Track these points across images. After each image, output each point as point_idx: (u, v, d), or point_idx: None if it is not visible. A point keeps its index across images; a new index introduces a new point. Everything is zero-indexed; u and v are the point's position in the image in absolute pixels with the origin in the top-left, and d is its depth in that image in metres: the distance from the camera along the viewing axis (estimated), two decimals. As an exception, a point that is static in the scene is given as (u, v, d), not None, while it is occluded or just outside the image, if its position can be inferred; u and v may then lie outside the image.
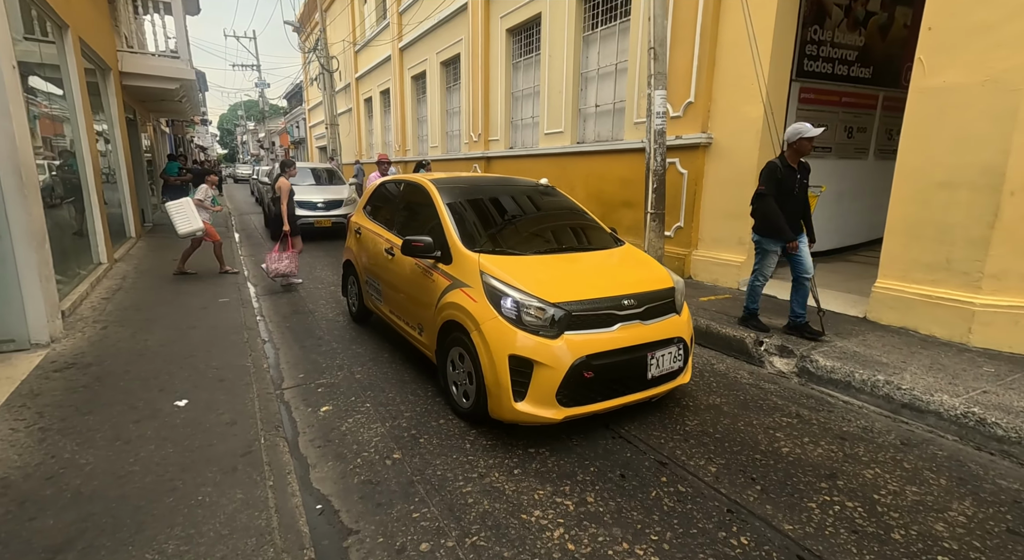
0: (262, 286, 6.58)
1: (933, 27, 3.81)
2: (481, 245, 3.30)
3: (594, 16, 7.81)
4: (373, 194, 4.98)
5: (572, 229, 3.92)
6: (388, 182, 4.86)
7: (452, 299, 3.09)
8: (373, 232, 4.45)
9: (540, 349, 2.67)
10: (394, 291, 3.96)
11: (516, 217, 3.92)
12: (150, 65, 8.96)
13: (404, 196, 4.35)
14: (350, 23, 18.74)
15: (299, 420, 3.17)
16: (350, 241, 5.01)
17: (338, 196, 10.33)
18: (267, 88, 37.02)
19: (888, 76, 6.82)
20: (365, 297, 4.70)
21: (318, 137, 26.44)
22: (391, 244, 4.00)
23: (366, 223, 4.68)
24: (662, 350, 2.95)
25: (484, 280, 2.94)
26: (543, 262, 3.23)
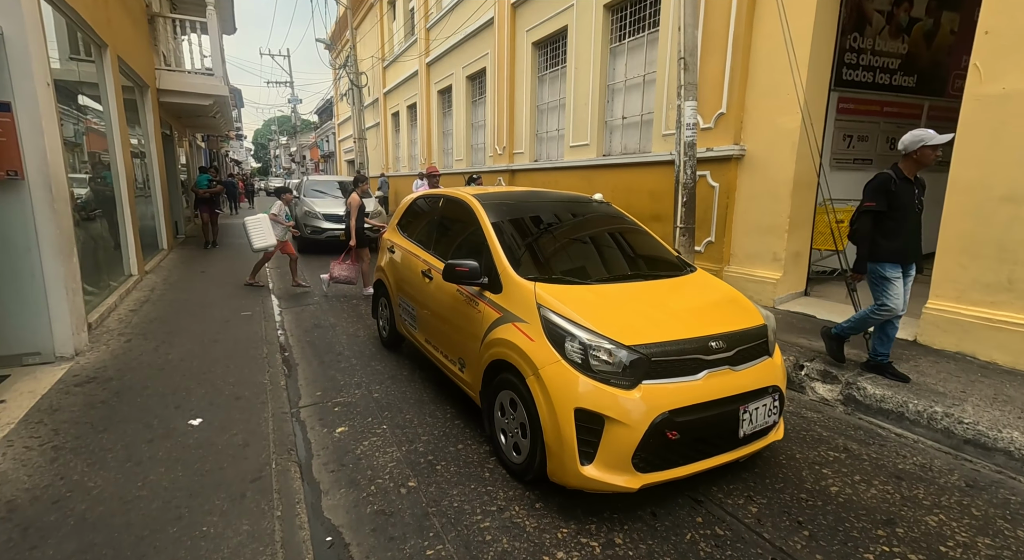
0: (286, 299, 6.59)
1: (991, 31, 3.55)
2: (535, 271, 2.90)
3: (621, 28, 7.70)
4: (407, 210, 4.59)
5: (635, 252, 3.44)
6: (424, 197, 4.47)
7: (503, 335, 2.66)
8: (408, 251, 4.07)
9: (613, 402, 2.22)
10: (431, 318, 3.56)
11: (572, 238, 3.48)
12: (185, 82, 9.24)
13: (443, 213, 3.93)
14: (379, 40, 19.14)
15: (314, 441, 3.06)
16: (382, 259, 4.64)
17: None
18: (299, 104, 38.14)
19: (934, 84, 6.48)
20: (397, 321, 4.29)
21: (347, 151, 26.99)
22: (429, 266, 3.62)
23: (400, 241, 4.32)
24: (756, 402, 2.44)
25: (542, 315, 2.52)
26: (610, 293, 2.77)
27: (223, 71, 10.28)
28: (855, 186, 5.94)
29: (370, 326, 5.35)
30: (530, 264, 2.97)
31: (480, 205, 3.37)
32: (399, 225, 4.59)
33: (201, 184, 9.97)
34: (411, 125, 17.71)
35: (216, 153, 24.36)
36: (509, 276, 2.83)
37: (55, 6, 4.57)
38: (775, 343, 2.74)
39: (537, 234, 3.39)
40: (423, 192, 4.69)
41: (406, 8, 16.63)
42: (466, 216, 3.46)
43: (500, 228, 3.17)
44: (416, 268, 3.83)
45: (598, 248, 3.46)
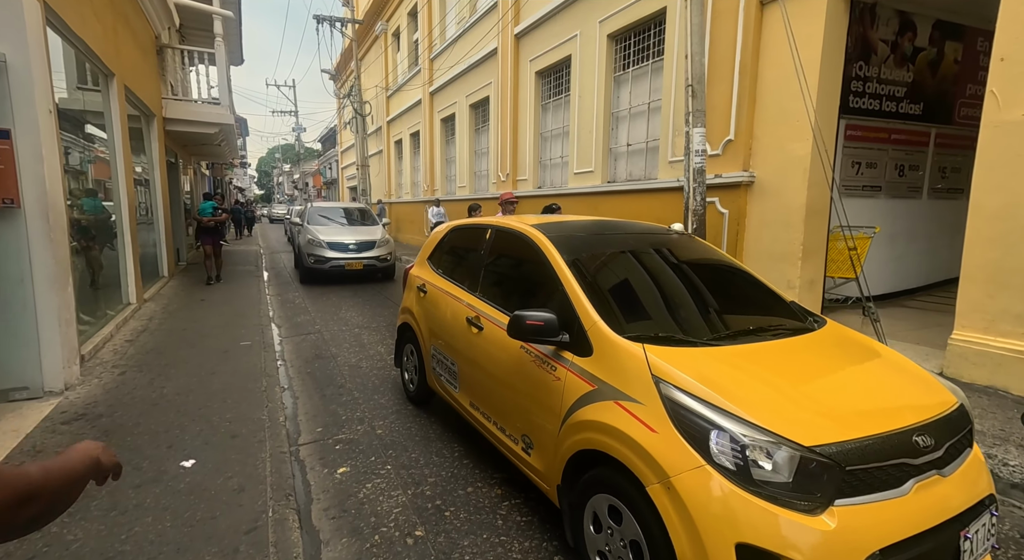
0: (286, 327, 6.44)
1: (1007, 58, 3.51)
2: (637, 327, 2.21)
3: (625, 57, 7.78)
4: (442, 242, 3.85)
5: (743, 297, 2.76)
6: (465, 227, 3.73)
7: (601, 418, 1.93)
8: (446, 293, 3.38)
9: (796, 536, 1.48)
10: (482, 379, 2.87)
11: (664, 281, 2.72)
12: (191, 111, 9.32)
13: (494, 248, 3.20)
14: (383, 70, 19.51)
15: (314, 483, 2.87)
16: (409, 300, 3.92)
17: (370, 237, 9.64)
18: (303, 132, 38.74)
19: (940, 112, 6.48)
20: (429, 375, 3.58)
21: (349, 178, 27.22)
22: (477, 313, 2.94)
23: (434, 279, 3.62)
24: (976, 522, 1.69)
25: (665, 393, 1.79)
26: (745, 359, 2.02)
27: (229, 100, 10.39)
28: (865, 213, 5.88)
29: (373, 357, 5.18)
30: (625, 317, 2.27)
31: (547, 239, 2.68)
32: (431, 260, 3.85)
33: (204, 212, 9.17)
34: (414, 152, 17.87)
35: (220, 180, 24.56)
36: (602, 335, 2.10)
37: (64, 36, 4.58)
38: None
39: (623, 276, 2.70)
40: (454, 224, 3.94)
41: (410, 40, 17.00)
42: (527, 253, 2.78)
43: (578, 269, 2.47)
44: (458, 314, 3.12)
45: (698, 294, 2.66)
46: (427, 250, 3.98)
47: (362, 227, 10.35)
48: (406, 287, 4.09)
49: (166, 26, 9.31)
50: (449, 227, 3.93)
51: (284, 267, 12.41)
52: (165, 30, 9.30)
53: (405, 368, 4.11)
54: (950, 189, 6.85)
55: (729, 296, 2.74)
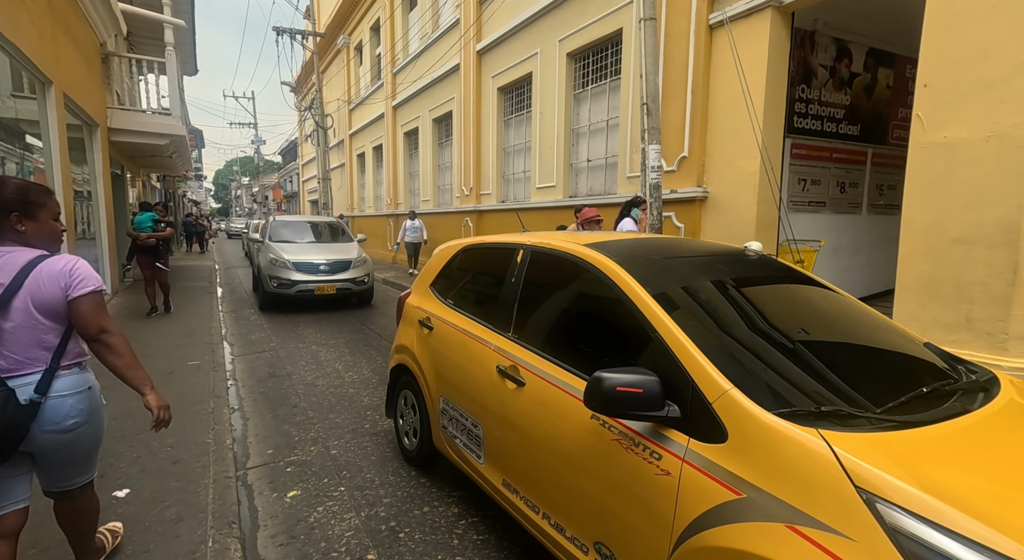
0: (240, 345, 6.18)
1: (929, 84, 3.78)
2: (783, 397, 1.49)
3: (584, 75, 7.98)
4: (450, 265, 3.11)
5: (873, 339, 2.04)
6: (482, 248, 2.97)
7: (766, 552, 1.22)
8: (463, 331, 2.64)
9: None
10: (524, 451, 2.12)
11: (784, 322, 2.01)
12: (140, 121, 8.95)
13: (531, 276, 2.42)
14: (346, 83, 19.35)
15: (261, 509, 2.74)
16: (407, 336, 3.15)
17: (345, 256, 8.28)
18: (262, 145, 37.83)
19: (876, 133, 6.91)
20: (437, 433, 2.82)
21: (310, 191, 26.68)
22: (514, 361, 2.20)
23: (444, 313, 2.87)
24: None
25: (893, 524, 1.10)
26: (962, 446, 1.37)
27: (182, 111, 10.05)
28: (811, 227, 6.17)
29: (330, 374, 5.03)
30: (764, 380, 1.58)
31: (617, 264, 1.94)
32: (435, 287, 3.12)
33: (141, 225, 7.10)
34: (377, 166, 17.71)
35: (172, 193, 23.62)
36: (743, 412, 1.40)
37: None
38: None
39: (734, 317, 1.92)
40: (466, 243, 3.10)
41: (372, 54, 16.95)
42: (586, 283, 2.10)
43: (672, 307, 1.74)
44: (483, 361, 2.40)
45: (831, 338, 2.02)
46: (429, 275, 3.20)
47: (334, 244, 8.91)
48: (401, 320, 3.31)
49: (113, 34, 8.96)
50: (458, 247, 3.09)
51: (240, 282, 11.98)
52: (111, 38, 8.94)
53: (402, 417, 3.30)
54: (887, 205, 7.28)
55: (859, 338, 2.04)
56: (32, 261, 1.64)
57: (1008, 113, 3.36)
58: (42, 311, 1.65)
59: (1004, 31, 3.39)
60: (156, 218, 7.33)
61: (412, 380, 3.09)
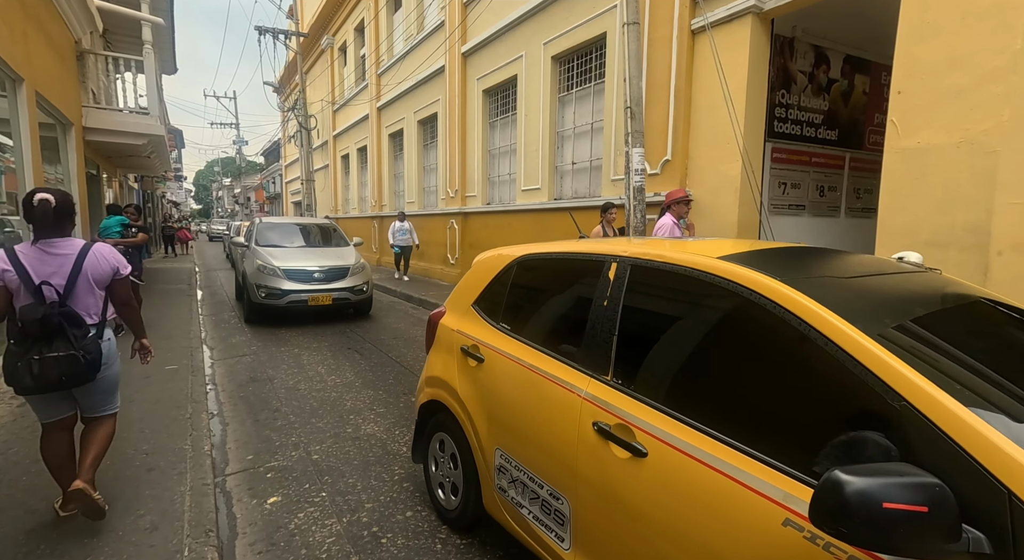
0: (219, 349, 6.07)
1: (903, 91, 3.88)
2: None
3: (569, 78, 8.02)
4: (500, 280, 2.46)
5: None
6: (550, 259, 2.32)
7: None
8: (532, 369, 2.02)
9: None
10: (652, 553, 1.51)
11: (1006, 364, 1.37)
12: (116, 121, 8.75)
13: (637, 301, 1.80)
14: (329, 83, 19.18)
15: (240, 516, 2.68)
16: (443, 366, 2.54)
17: (342, 262, 7.49)
18: (245, 145, 37.29)
19: (853, 138, 7.06)
20: (489, 494, 2.25)
21: (294, 193, 26.38)
22: (623, 419, 1.62)
23: (499, 341, 2.27)
24: None
25: None
26: None
27: (160, 111, 9.85)
28: (791, 230, 6.28)
29: (311, 378, 4.97)
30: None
31: (793, 288, 1.36)
32: (480, 306, 2.51)
33: (108, 231, 6.30)
34: (361, 167, 17.58)
35: (151, 194, 23.15)
36: None
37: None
38: None
39: (1006, 371, 1.29)
40: (553, 249, 2.32)
41: (357, 55, 16.84)
42: (740, 313, 1.49)
43: (924, 359, 1.18)
44: (566, 411, 1.80)
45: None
46: (470, 291, 2.60)
47: (329, 249, 8.10)
48: (434, 346, 2.71)
49: (88, 31, 8.75)
50: (509, 257, 2.44)
51: (221, 285, 11.78)
52: (87, 35, 8.74)
53: (435, 467, 2.67)
54: (864, 209, 7.44)
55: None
56: (86, 245, 2.33)
57: (977, 120, 3.46)
58: (96, 281, 2.34)
59: (973, 41, 3.49)
60: (126, 223, 6.53)
61: (451, 423, 2.45)
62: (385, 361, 5.56)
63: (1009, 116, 3.34)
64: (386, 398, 4.43)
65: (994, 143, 3.41)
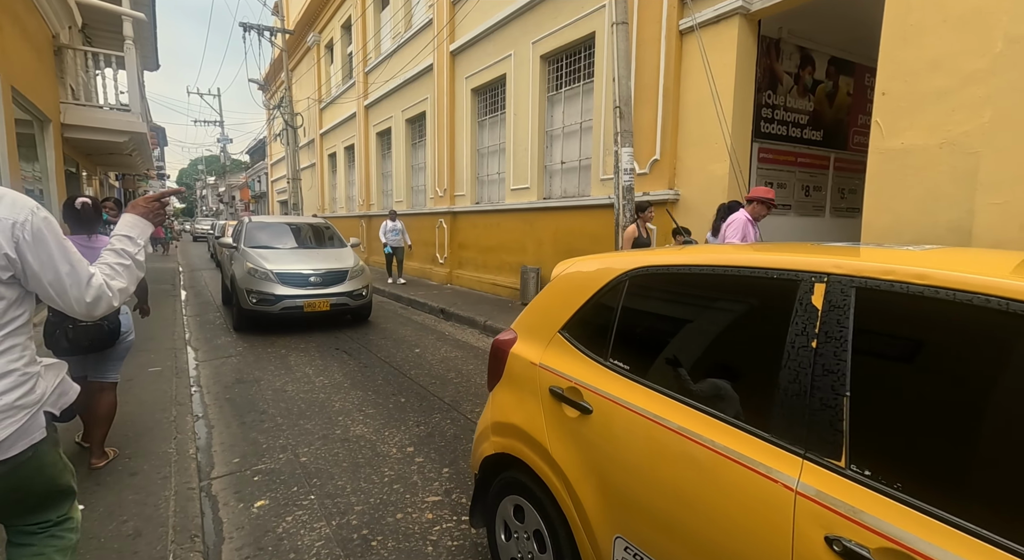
0: (204, 350, 5.97)
1: (887, 92, 3.94)
2: None
3: (558, 78, 8.02)
4: (604, 300, 1.81)
5: None
6: (693, 275, 1.60)
7: None
8: (695, 440, 1.35)
9: None
10: None
11: None
12: (97, 118, 8.56)
13: (885, 343, 1.17)
14: (316, 81, 18.98)
15: (227, 520, 2.64)
16: (519, 411, 1.95)
17: (340, 264, 7.02)
18: (229, 143, 36.78)
19: (837, 139, 7.16)
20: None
21: (280, 191, 26.09)
22: (894, 542, 0.97)
23: (620, 389, 1.61)
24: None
25: None
26: None
27: (142, 108, 9.66)
28: (778, 230, 6.34)
29: (299, 379, 4.90)
30: None
31: None
32: (573, 334, 1.87)
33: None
34: (348, 166, 17.43)
35: (133, 193, 22.73)
36: None
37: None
38: None
39: None
40: (698, 259, 1.61)
41: (344, 52, 16.69)
42: None
43: None
44: (767, 511, 1.18)
45: None
46: (555, 311, 1.95)
47: (324, 251, 7.61)
48: (503, 381, 2.08)
49: (66, 25, 8.55)
50: (616, 270, 1.78)
51: (205, 285, 11.59)
52: (65, 29, 8.54)
53: (508, 539, 2.06)
54: (849, 208, 7.56)
55: None
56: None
57: (959, 121, 3.52)
58: None
59: (954, 44, 3.55)
60: (106, 220, 6.24)
61: (535, 487, 1.84)
62: (374, 361, 5.52)
63: (990, 118, 3.41)
64: (375, 399, 4.39)
65: (975, 144, 3.47)
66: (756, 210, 4.41)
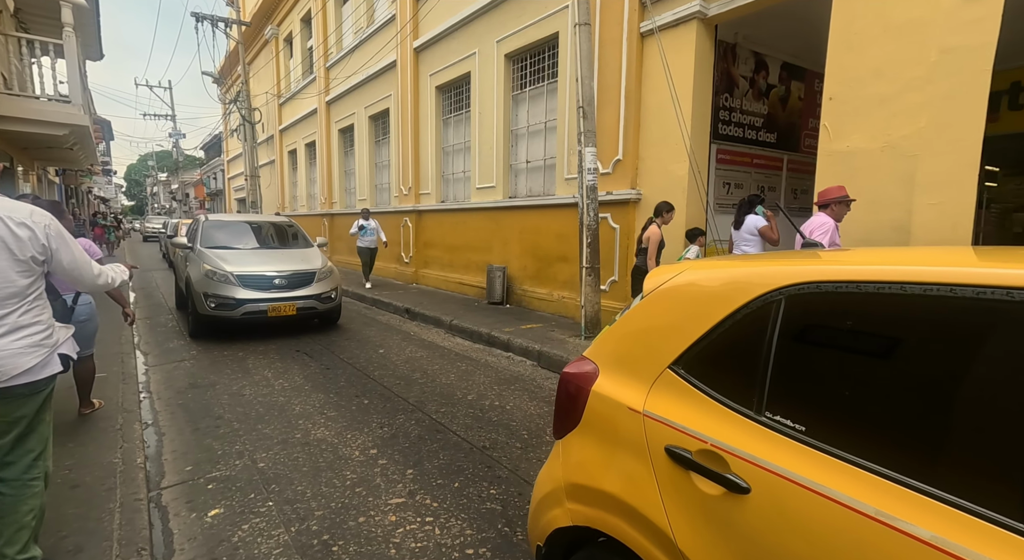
0: (155, 354, 5.70)
1: (834, 98, 4.13)
2: None
3: (523, 77, 8.04)
4: (745, 326, 1.27)
5: None
6: (924, 296, 0.99)
7: None
8: None
9: None
10: None
11: None
12: (33, 109, 8.02)
13: None
14: (275, 76, 18.40)
15: (178, 531, 2.52)
16: (618, 475, 1.43)
17: (307, 266, 6.65)
18: (182, 138, 35.24)
19: (790, 141, 7.46)
20: None
21: (237, 189, 25.17)
22: None
23: (806, 466, 1.06)
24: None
25: None
26: None
27: (84, 99, 9.12)
28: (734, 228, 6.56)
29: (258, 382, 4.74)
30: None
31: None
32: (697, 373, 1.35)
33: None
34: (310, 163, 16.99)
35: (75, 189, 21.46)
36: None
37: None
38: None
39: None
40: (901, 268, 1.07)
41: (304, 47, 16.24)
42: None
43: None
44: None
45: None
46: (663, 339, 1.45)
47: (289, 251, 7.21)
48: (581, 426, 1.59)
49: (-2, 9, 7.99)
50: (765, 285, 1.25)
51: (156, 286, 11.08)
52: (-3, 13, 7.97)
53: None
54: (801, 208, 7.89)
55: None
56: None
57: (899, 126, 3.73)
58: None
59: (894, 52, 3.76)
60: None
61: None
62: (337, 363, 5.39)
63: (926, 123, 3.62)
64: (337, 401, 4.29)
65: (914, 148, 3.68)
66: (839, 211, 3.98)
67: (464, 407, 4.16)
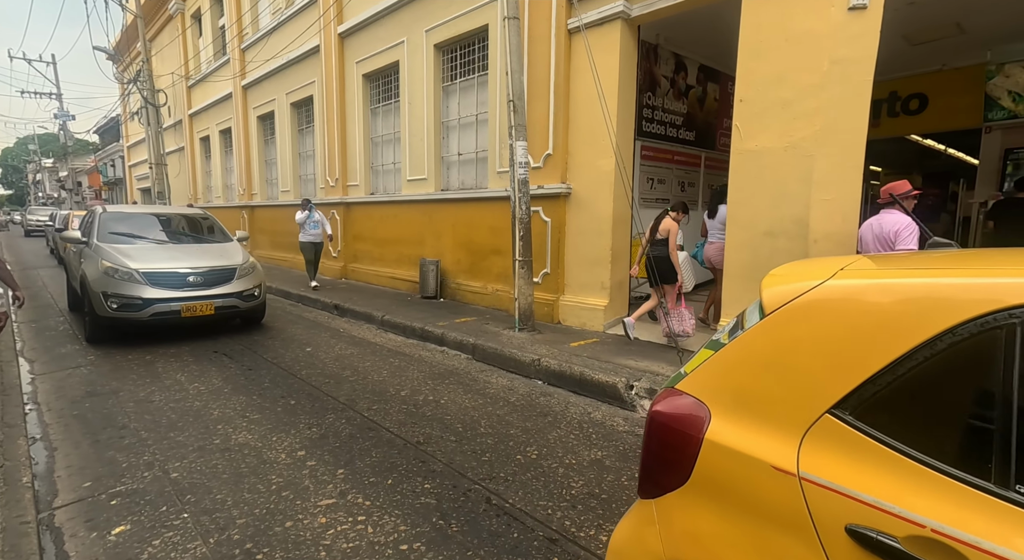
0: (43, 361, 5.10)
1: (744, 100, 4.44)
2: None
3: (452, 68, 7.95)
4: (991, 359, 0.90)
5: None
6: None
7: None
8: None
9: None
10: None
11: None
12: None
13: None
14: (182, 55, 16.90)
15: (74, 553, 2.30)
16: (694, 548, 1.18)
17: (226, 261, 6.18)
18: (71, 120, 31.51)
19: (707, 140, 7.95)
20: None
21: (140, 178, 22.94)
22: None
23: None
24: None
25: None
26: None
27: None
28: (658, 222, 6.91)
29: (169, 387, 4.39)
30: None
31: None
32: (893, 419, 0.99)
33: None
34: (226, 151, 15.82)
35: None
36: None
37: None
38: None
39: None
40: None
41: (215, 24, 15.04)
42: None
43: None
44: None
45: None
46: (810, 373, 1.09)
47: (206, 246, 6.66)
48: (689, 482, 1.21)
49: None
50: (992, 302, 0.92)
51: (44, 286, 9.89)
52: None
53: None
54: (718, 203, 8.45)
55: None
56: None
57: (799, 128, 4.08)
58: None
59: (793, 60, 4.11)
60: None
61: None
62: (260, 363, 5.10)
63: (820, 126, 4.00)
64: (261, 403, 4.07)
65: (811, 148, 4.05)
66: (909, 206, 3.66)
67: (397, 403, 4.09)
